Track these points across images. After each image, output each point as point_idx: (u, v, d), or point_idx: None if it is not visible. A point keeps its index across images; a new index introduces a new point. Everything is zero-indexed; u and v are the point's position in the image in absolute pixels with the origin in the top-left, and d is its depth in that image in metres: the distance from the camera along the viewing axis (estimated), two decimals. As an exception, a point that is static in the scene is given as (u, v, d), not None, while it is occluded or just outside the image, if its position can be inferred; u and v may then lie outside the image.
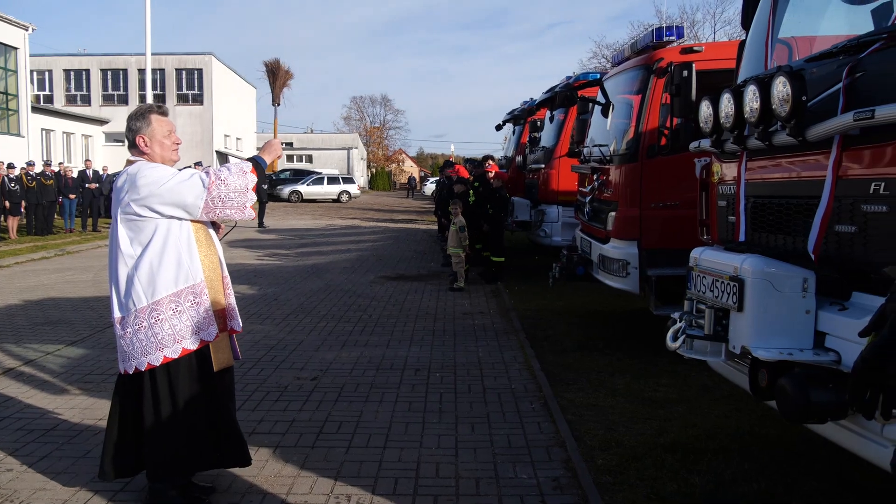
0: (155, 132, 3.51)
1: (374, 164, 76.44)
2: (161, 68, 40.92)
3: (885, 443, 2.75)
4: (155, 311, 3.37)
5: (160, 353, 3.38)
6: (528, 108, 14.41)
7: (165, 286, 3.38)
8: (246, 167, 3.51)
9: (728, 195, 4.25)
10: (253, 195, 3.50)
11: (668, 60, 6.65)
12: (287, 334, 7.93)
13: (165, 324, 3.38)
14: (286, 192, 42.18)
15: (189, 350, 3.43)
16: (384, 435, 4.85)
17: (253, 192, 3.50)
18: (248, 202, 3.49)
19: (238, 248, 16.78)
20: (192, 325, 3.43)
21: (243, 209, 3.49)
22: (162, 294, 3.38)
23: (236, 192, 3.43)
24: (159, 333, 3.37)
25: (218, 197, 3.40)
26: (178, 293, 3.41)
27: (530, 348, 7.17)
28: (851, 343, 2.92)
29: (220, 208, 3.43)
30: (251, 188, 3.48)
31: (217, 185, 3.40)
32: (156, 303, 3.37)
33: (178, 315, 3.40)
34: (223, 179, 3.41)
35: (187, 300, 3.43)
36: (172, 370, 3.43)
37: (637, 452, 4.49)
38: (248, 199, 3.48)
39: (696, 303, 3.85)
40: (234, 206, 3.45)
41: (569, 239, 10.58)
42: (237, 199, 3.44)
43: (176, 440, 3.45)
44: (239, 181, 3.44)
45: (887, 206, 2.87)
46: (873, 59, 2.97)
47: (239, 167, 3.49)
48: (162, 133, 3.53)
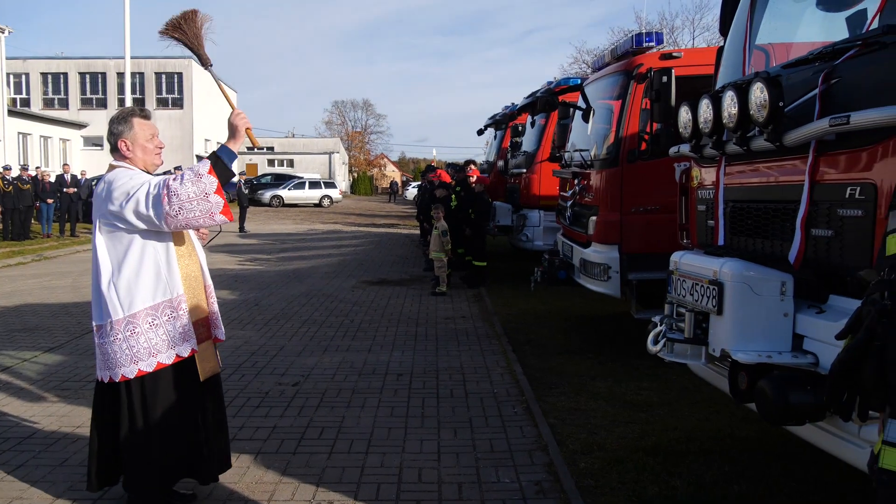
0: (137, 136, 3.45)
1: (355, 169, 76.21)
2: (140, 72, 40.57)
3: (863, 444, 2.78)
4: (131, 324, 3.30)
5: (135, 367, 3.31)
6: (510, 112, 14.46)
7: (142, 299, 3.31)
8: (202, 169, 3.17)
9: (707, 199, 4.29)
10: (218, 199, 3.17)
11: (648, 66, 6.71)
12: (268, 340, 7.89)
13: (141, 337, 3.30)
14: (267, 197, 41.95)
15: (164, 364, 3.35)
16: (366, 440, 4.83)
17: (216, 194, 3.15)
18: (214, 208, 3.16)
19: (219, 253, 16.66)
20: (168, 340, 3.35)
21: (211, 216, 3.18)
22: (139, 307, 3.30)
23: (192, 200, 3.12)
24: (134, 346, 3.30)
25: (178, 209, 3.13)
26: (155, 307, 3.33)
27: (512, 352, 7.18)
28: (829, 345, 2.95)
29: (183, 220, 3.16)
30: (213, 192, 3.14)
31: (169, 198, 3.12)
32: (132, 315, 3.30)
33: (155, 329, 3.33)
34: (174, 192, 3.11)
35: (164, 314, 3.35)
36: (149, 383, 3.35)
37: (619, 456, 4.51)
38: (214, 205, 3.16)
39: (676, 306, 3.88)
40: (197, 214, 3.16)
41: (550, 243, 10.64)
42: (197, 207, 3.13)
43: (153, 453, 3.38)
44: (191, 189, 3.11)
45: (862, 210, 2.91)
46: (848, 65, 3.01)
47: (194, 172, 3.17)
48: (144, 137, 3.46)
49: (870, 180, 2.88)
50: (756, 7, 4.12)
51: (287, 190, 42.94)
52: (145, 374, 3.33)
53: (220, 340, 3.75)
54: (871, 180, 2.88)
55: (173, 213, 3.14)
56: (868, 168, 2.90)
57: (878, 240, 2.73)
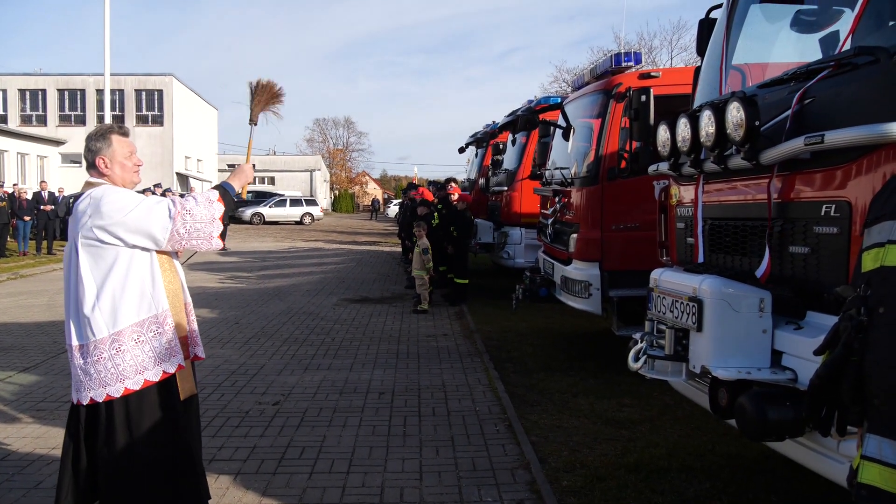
0: (116, 153, 3.41)
1: (337, 187, 76.13)
2: (120, 89, 40.34)
3: (842, 459, 2.80)
4: (116, 342, 3.24)
5: (121, 385, 3.25)
6: (491, 131, 14.56)
7: (128, 316, 3.26)
8: (213, 196, 3.38)
9: (686, 217, 4.33)
10: (220, 225, 3.37)
11: (627, 85, 6.79)
12: (248, 358, 7.81)
13: (127, 354, 3.25)
14: (248, 215, 41.75)
15: (151, 382, 3.30)
16: (347, 460, 4.79)
17: (220, 221, 3.37)
18: (216, 232, 3.36)
19: (199, 270, 16.52)
20: (154, 356, 3.30)
21: (210, 240, 3.36)
22: (124, 324, 3.25)
23: (202, 222, 3.30)
24: (120, 364, 3.24)
25: (184, 228, 3.27)
26: (140, 323, 3.28)
27: (494, 370, 7.18)
28: (807, 361, 2.98)
29: (185, 239, 3.32)
30: (218, 218, 3.36)
31: (183, 215, 3.27)
32: (117, 333, 3.25)
33: (141, 345, 3.28)
34: (189, 210, 3.27)
35: (150, 330, 3.31)
36: (133, 402, 3.29)
37: (601, 473, 4.51)
38: (215, 229, 3.35)
39: (656, 323, 3.90)
40: (200, 237, 3.33)
41: (531, 261, 10.67)
42: (203, 229, 3.31)
43: (134, 476, 3.31)
44: (205, 211, 3.31)
45: (838, 227, 2.96)
46: (822, 85, 3.07)
47: (206, 197, 3.36)
48: (123, 154, 3.42)
49: (844, 198, 2.93)
50: (732, 28, 4.19)
51: (268, 207, 42.79)
52: (131, 393, 3.27)
53: (200, 359, 3.70)
54: (846, 198, 2.92)
55: (183, 231, 3.27)
56: (842, 186, 2.95)
57: (853, 257, 2.77)
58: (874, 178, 2.76)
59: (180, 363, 3.40)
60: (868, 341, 1.90)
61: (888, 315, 1.85)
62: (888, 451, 1.83)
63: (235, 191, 3.54)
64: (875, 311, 1.89)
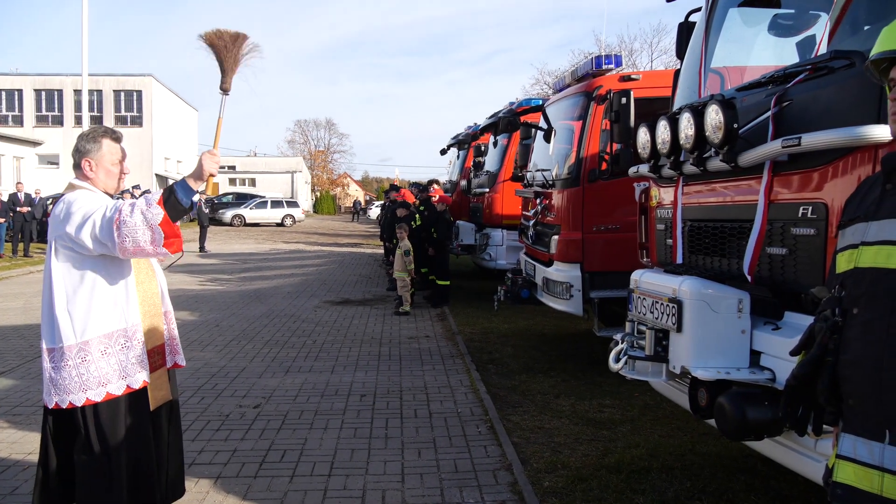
0: (104, 158, 3.33)
1: (318, 188, 75.80)
2: (98, 89, 39.97)
3: (818, 458, 2.84)
4: (83, 351, 3.17)
5: (83, 395, 3.17)
6: (473, 132, 14.57)
7: (96, 326, 3.19)
8: (152, 198, 3.06)
9: (666, 219, 4.36)
10: (160, 231, 3.03)
11: (608, 88, 6.84)
12: (229, 361, 7.76)
13: (92, 365, 3.18)
14: (228, 216, 41.46)
15: (113, 395, 3.22)
16: (329, 462, 4.77)
17: (161, 227, 3.03)
18: (159, 239, 3.04)
19: (179, 273, 16.38)
20: (119, 370, 3.23)
21: (156, 246, 3.06)
22: (92, 334, 3.18)
23: (140, 229, 3.01)
24: (84, 374, 3.16)
25: (126, 235, 3.02)
26: (109, 335, 3.22)
27: (476, 372, 7.18)
28: (785, 361, 3.02)
29: (132, 249, 3.06)
30: (157, 224, 3.02)
31: (118, 225, 3.02)
32: (85, 343, 3.18)
33: (107, 357, 3.20)
34: (123, 219, 3.02)
35: (118, 343, 3.24)
36: (103, 410, 3.23)
37: (583, 474, 4.52)
38: (157, 235, 3.03)
39: (637, 324, 3.92)
40: (144, 243, 3.05)
41: (513, 262, 10.71)
42: (140, 237, 3.02)
43: (102, 482, 3.26)
44: (139, 218, 3.01)
45: (815, 229, 2.99)
46: (799, 89, 3.11)
47: (146, 201, 3.06)
48: (111, 160, 3.34)
49: (821, 200, 2.97)
50: (711, 32, 4.24)
51: (249, 209, 42.52)
52: (95, 403, 3.22)
53: (179, 366, 3.65)
54: (823, 200, 2.96)
55: (123, 241, 3.04)
56: (819, 188, 2.99)
57: (829, 258, 2.81)
58: (850, 179, 2.80)
59: (145, 379, 3.31)
60: (842, 342, 1.92)
61: (862, 316, 1.87)
62: (862, 450, 1.85)
63: (193, 189, 3.18)
64: (849, 312, 1.92)
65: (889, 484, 1.78)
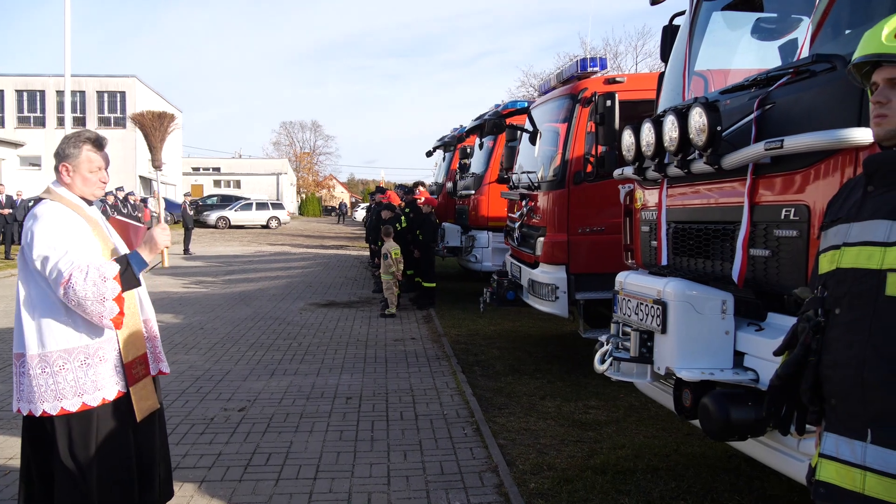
0: (81, 165, 3.25)
1: (304, 190, 75.58)
2: (81, 90, 39.61)
3: (801, 457, 2.86)
4: (43, 362, 3.10)
5: (39, 406, 3.09)
6: (458, 134, 14.57)
7: (56, 340, 3.11)
8: (110, 271, 3.03)
9: (650, 221, 4.39)
10: (112, 305, 3.03)
11: (593, 90, 6.86)
12: (213, 364, 7.71)
13: (49, 378, 3.11)
14: (213, 218, 41.19)
15: (67, 411, 3.13)
16: (314, 465, 4.75)
17: (114, 301, 3.02)
18: (107, 314, 3.03)
19: (162, 276, 16.26)
20: (75, 387, 3.13)
21: (100, 319, 3.04)
22: (51, 347, 3.11)
23: (89, 300, 2.98)
24: (42, 386, 3.09)
25: (72, 300, 2.99)
26: (69, 350, 3.13)
27: (462, 373, 7.18)
28: (768, 362, 3.04)
29: (75, 307, 3.04)
30: (111, 297, 3.01)
31: (66, 289, 2.98)
32: (45, 354, 3.09)
33: (64, 373, 3.12)
34: (72, 285, 2.97)
35: (77, 360, 3.15)
36: (75, 422, 3.15)
37: (568, 475, 4.54)
38: (107, 309, 3.02)
39: (622, 326, 3.94)
40: (91, 314, 3.02)
41: (499, 264, 10.71)
42: (90, 308, 3.00)
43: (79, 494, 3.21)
44: (91, 289, 2.97)
45: (797, 230, 3.02)
46: (781, 92, 3.14)
47: (99, 273, 3.00)
48: (89, 168, 3.26)
49: (803, 202, 3.00)
50: (694, 35, 4.27)
51: (234, 211, 42.29)
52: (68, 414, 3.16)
53: (164, 373, 3.59)
54: (805, 202, 2.99)
55: (68, 301, 3.01)
56: (801, 190, 3.02)
57: (812, 259, 2.83)
58: (832, 182, 2.83)
59: (105, 397, 3.20)
60: (825, 342, 1.94)
61: (844, 316, 1.89)
62: (845, 449, 1.87)
63: (146, 263, 3.20)
64: (831, 312, 1.93)
65: (871, 482, 1.79)
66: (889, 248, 1.80)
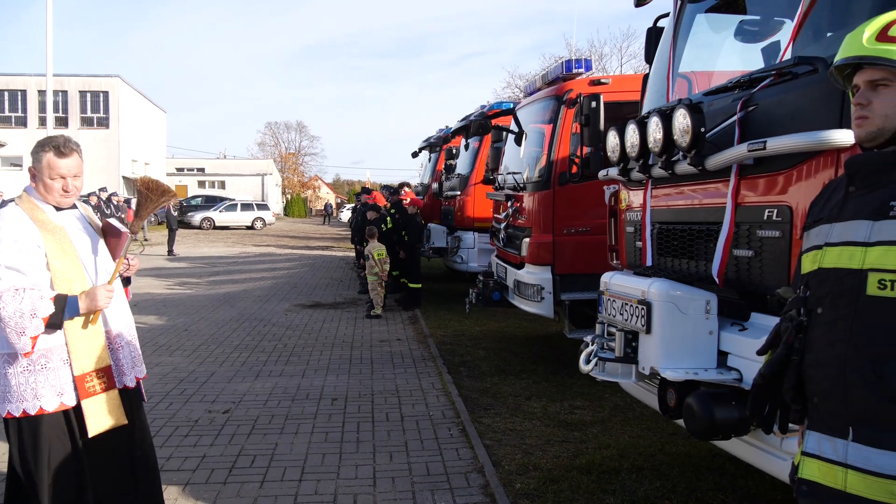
0: (43, 171, 3.17)
1: (289, 191, 75.27)
2: (63, 90, 39.24)
3: (784, 456, 2.89)
4: None
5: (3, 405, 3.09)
6: (444, 135, 14.58)
7: (2, 343, 3.04)
8: (41, 311, 2.96)
9: (635, 221, 4.41)
10: (28, 342, 2.96)
11: (578, 91, 6.89)
12: (198, 366, 7.66)
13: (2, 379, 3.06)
14: (198, 219, 40.95)
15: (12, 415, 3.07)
16: (300, 467, 4.73)
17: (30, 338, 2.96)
18: (19, 346, 2.96)
19: (146, 277, 16.14)
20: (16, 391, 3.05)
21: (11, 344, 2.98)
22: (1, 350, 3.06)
23: (8, 327, 2.93)
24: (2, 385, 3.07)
25: None
26: (12, 354, 3.05)
27: (448, 374, 7.18)
28: (751, 361, 3.06)
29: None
30: (30, 336, 2.95)
31: None
32: None
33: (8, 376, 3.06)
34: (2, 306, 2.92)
35: (21, 364, 3.07)
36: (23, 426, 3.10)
37: (554, 475, 4.55)
38: (20, 343, 2.95)
39: (607, 326, 3.96)
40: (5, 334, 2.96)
41: (485, 265, 10.72)
42: (8, 332, 2.94)
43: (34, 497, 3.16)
44: (14, 319, 2.92)
45: (780, 231, 3.05)
46: (764, 93, 3.17)
47: (30, 309, 2.95)
48: (49, 174, 3.17)
49: (786, 203, 3.03)
50: (678, 37, 4.29)
51: (218, 212, 42.06)
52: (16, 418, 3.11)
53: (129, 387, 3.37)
54: (787, 203, 3.02)
55: None
56: (784, 191, 3.05)
57: (794, 259, 2.86)
58: (813, 183, 2.85)
59: (43, 407, 3.09)
60: (808, 341, 1.95)
61: (826, 315, 1.91)
62: (827, 446, 1.89)
63: (79, 313, 3.12)
64: (814, 312, 1.95)
65: (852, 480, 1.81)
66: (870, 248, 1.82)
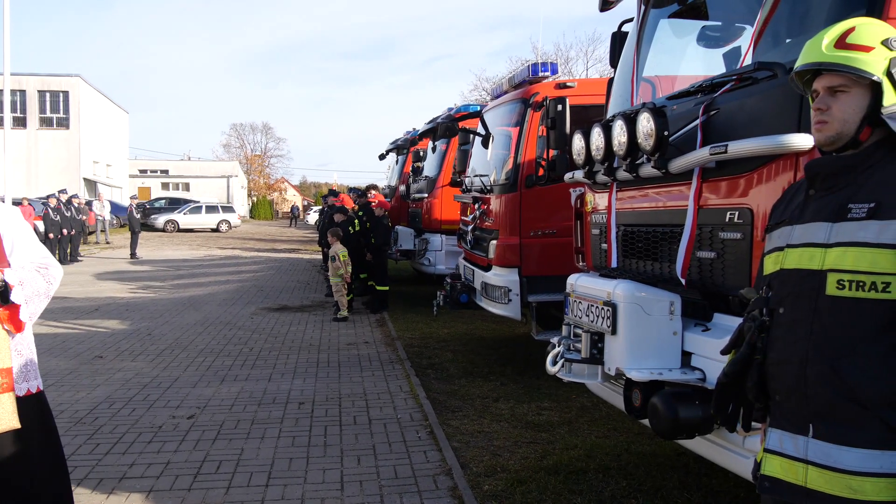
0: None
1: (255, 193, 74.46)
2: (22, 89, 38.33)
3: (747, 454, 2.94)
4: None
5: None
6: (411, 138, 14.58)
7: None
8: None
9: (600, 223, 4.45)
10: None
11: (544, 95, 6.93)
12: (161, 371, 7.54)
13: None
14: (161, 222, 40.28)
15: None
16: (266, 472, 4.68)
17: None
18: None
19: (108, 280, 15.84)
20: None
21: None
22: None
23: None
24: None
25: None
26: None
27: (416, 377, 7.17)
28: (714, 361, 3.11)
29: None
30: None
31: None
32: None
33: None
34: None
35: None
36: None
37: (522, 476, 4.57)
38: None
39: (573, 327, 3.99)
40: None
41: (452, 267, 10.74)
42: None
43: None
44: None
45: (741, 233, 3.10)
46: (726, 98, 3.23)
47: None
48: None
49: (747, 205, 3.08)
50: (642, 42, 4.35)
51: (182, 214, 41.41)
52: None
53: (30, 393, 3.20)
54: (748, 205, 3.07)
55: None
56: (745, 194, 3.10)
57: (755, 261, 2.91)
58: (773, 186, 2.91)
59: None
60: (770, 340, 1.99)
61: (787, 315, 1.95)
62: (788, 443, 1.93)
63: None
64: (776, 312, 1.99)
65: (813, 475, 1.85)
66: (829, 250, 1.86)
